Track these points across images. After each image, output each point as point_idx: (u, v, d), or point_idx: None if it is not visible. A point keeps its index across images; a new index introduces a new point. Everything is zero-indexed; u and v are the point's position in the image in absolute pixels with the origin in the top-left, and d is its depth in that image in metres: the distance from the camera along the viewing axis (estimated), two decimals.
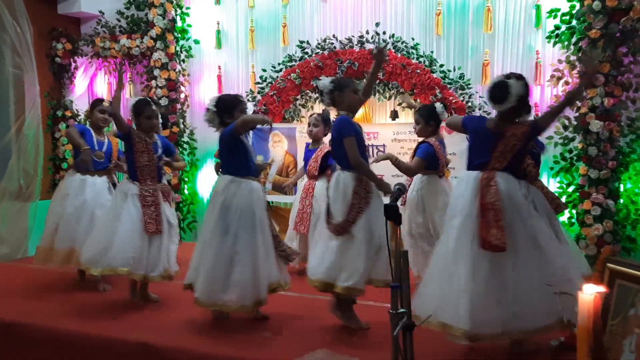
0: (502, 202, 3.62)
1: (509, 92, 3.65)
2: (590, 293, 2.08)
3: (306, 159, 5.97)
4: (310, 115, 6.05)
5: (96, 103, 5.70)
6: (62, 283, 5.69)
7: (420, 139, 5.11)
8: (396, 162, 4.81)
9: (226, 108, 4.38)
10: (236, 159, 4.34)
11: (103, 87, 8.62)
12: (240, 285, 4.17)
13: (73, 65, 8.41)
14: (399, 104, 6.71)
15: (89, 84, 8.60)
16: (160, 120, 5.31)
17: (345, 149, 4.06)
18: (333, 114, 4.45)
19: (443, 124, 5.13)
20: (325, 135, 5.77)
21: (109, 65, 8.33)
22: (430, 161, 4.96)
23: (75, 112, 8.33)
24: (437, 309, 3.56)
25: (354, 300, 4.25)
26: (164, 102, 7.72)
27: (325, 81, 4.24)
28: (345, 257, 4.07)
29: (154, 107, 4.96)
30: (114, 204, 4.97)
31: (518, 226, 3.61)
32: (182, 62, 8.01)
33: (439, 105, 5.23)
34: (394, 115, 6.91)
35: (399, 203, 2.76)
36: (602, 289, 2.10)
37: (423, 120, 5.11)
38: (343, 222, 4.07)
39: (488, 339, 3.54)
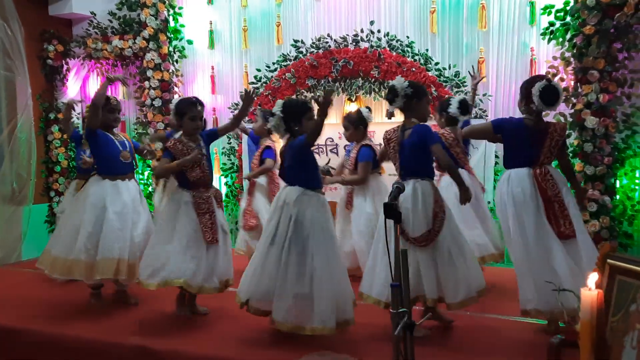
0: (561, 193, 3.99)
1: (559, 95, 4.01)
2: (592, 289, 2.06)
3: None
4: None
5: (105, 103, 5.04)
6: (56, 287, 5.65)
7: (348, 143, 5.56)
8: (345, 181, 5.41)
9: (294, 114, 4.12)
10: (307, 171, 4.11)
11: (96, 89, 8.53)
12: (326, 305, 3.86)
13: (65, 67, 8.37)
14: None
15: (81, 85, 8.55)
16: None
17: (435, 155, 4.02)
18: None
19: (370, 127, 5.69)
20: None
21: (101, 67, 8.29)
22: (373, 162, 5.36)
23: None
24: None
25: None
26: (157, 103, 7.69)
27: (403, 83, 4.12)
28: (446, 271, 3.98)
29: (199, 108, 4.59)
30: (168, 214, 4.59)
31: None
32: (175, 63, 7.98)
33: (364, 110, 5.59)
34: (390, 114, 6.87)
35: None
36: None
37: (352, 125, 5.53)
38: (428, 232, 3.97)
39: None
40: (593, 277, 2.08)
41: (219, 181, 7.76)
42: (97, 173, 5.04)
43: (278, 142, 5.46)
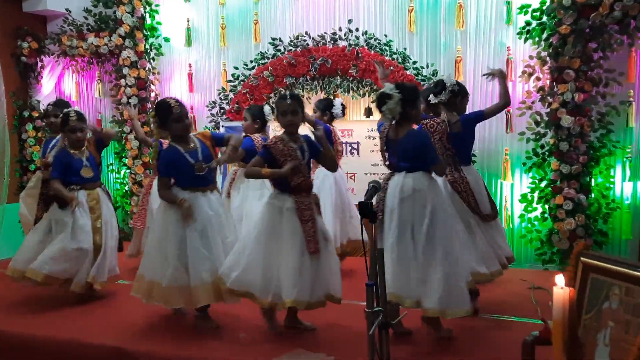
0: None
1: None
2: (562, 287, 2.07)
3: None
4: None
5: (167, 110, 4.24)
6: (31, 288, 5.57)
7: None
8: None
9: (412, 98, 3.89)
10: (434, 156, 3.98)
11: (71, 87, 8.48)
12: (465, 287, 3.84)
13: (39, 64, 8.27)
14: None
15: (56, 83, 8.46)
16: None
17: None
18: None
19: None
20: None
21: (76, 64, 8.20)
22: (248, 154, 5.10)
23: (42, 112, 8.10)
24: None
25: None
26: (133, 101, 7.62)
27: (451, 79, 4.45)
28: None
29: (288, 101, 4.05)
30: (269, 221, 4.06)
31: None
32: (151, 60, 7.91)
33: (267, 108, 5.64)
34: (368, 112, 6.90)
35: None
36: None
37: (251, 118, 5.59)
38: (493, 211, 4.54)
39: None
40: (561, 278, 2.10)
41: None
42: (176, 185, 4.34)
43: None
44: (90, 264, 4.99)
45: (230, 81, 7.43)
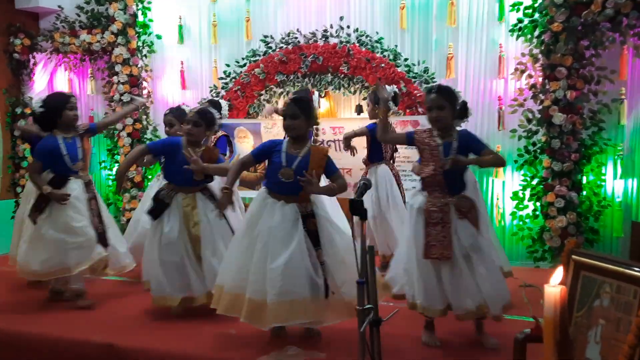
0: None
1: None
2: (554, 285, 2.07)
3: None
4: None
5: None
6: (22, 285, 5.55)
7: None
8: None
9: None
10: None
11: (63, 84, 8.44)
12: None
13: (32, 61, 8.23)
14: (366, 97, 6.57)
15: (48, 80, 8.42)
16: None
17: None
18: None
19: None
20: None
21: (69, 61, 8.17)
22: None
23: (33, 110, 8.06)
24: None
25: None
26: (126, 98, 7.59)
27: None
28: None
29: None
30: (411, 221, 3.86)
31: None
32: (144, 58, 7.88)
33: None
34: (359, 109, 6.89)
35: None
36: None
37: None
38: None
39: None
40: (559, 273, 2.09)
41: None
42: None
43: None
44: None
45: (222, 78, 7.41)
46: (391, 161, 5.72)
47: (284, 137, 3.98)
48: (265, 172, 4.06)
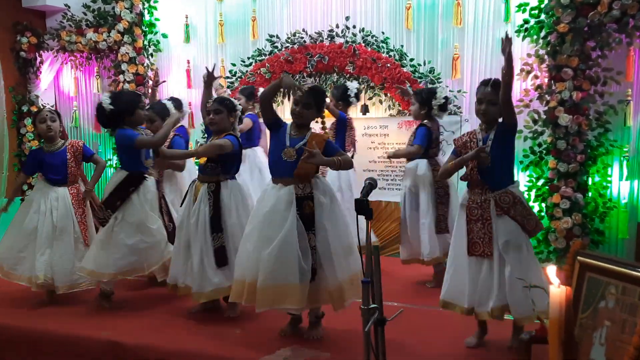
0: None
1: None
2: (558, 287, 2.07)
3: None
4: None
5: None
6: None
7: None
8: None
9: None
10: None
11: (69, 82, 8.47)
12: None
13: (38, 59, 8.26)
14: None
15: (55, 78, 8.44)
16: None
17: None
18: None
19: None
20: None
21: (75, 60, 8.19)
22: None
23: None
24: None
25: None
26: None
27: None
28: None
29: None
30: (457, 218, 3.92)
31: None
32: (150, 57, 7.90)
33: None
34: (365, 109, 6.89)
35: None
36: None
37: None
38: None
39: None
40: (552, 269, 2.09)
41: None
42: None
43: None
44: None
45: (228, 77, 7.42)
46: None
47: None
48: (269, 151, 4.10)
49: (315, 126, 4.04)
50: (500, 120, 3.75)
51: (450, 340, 3.95)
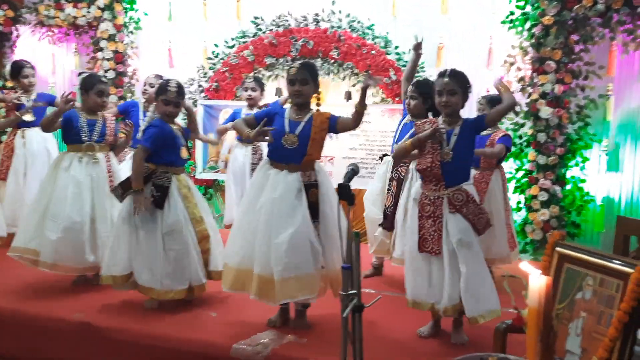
0: None
1: None
2: (538, 276, 2.07)
3: None
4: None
5: None
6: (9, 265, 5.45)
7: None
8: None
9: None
10: None
11: (47, 58, 8.31)
12: None
13: (15, 33, 8.07)
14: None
15: (31, 54, 8.27)
16: None
17: None
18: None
19: None
20: None
21: (53, 35, 8.03)
22: None
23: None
24: None
25: None
26: (110, 74, 7.48)
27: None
28: None
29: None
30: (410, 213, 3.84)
31: None
32: (130, 34, 7.76)
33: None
34: (348, 96, 6.84)
35: None
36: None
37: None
38: None
39: None
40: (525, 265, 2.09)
41: None
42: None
43: None
44: None
45: (210, 59, 7.33)
46: None
47: None
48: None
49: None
50: (464, 118, 3.73)
51: (423, 324, 3.95)
